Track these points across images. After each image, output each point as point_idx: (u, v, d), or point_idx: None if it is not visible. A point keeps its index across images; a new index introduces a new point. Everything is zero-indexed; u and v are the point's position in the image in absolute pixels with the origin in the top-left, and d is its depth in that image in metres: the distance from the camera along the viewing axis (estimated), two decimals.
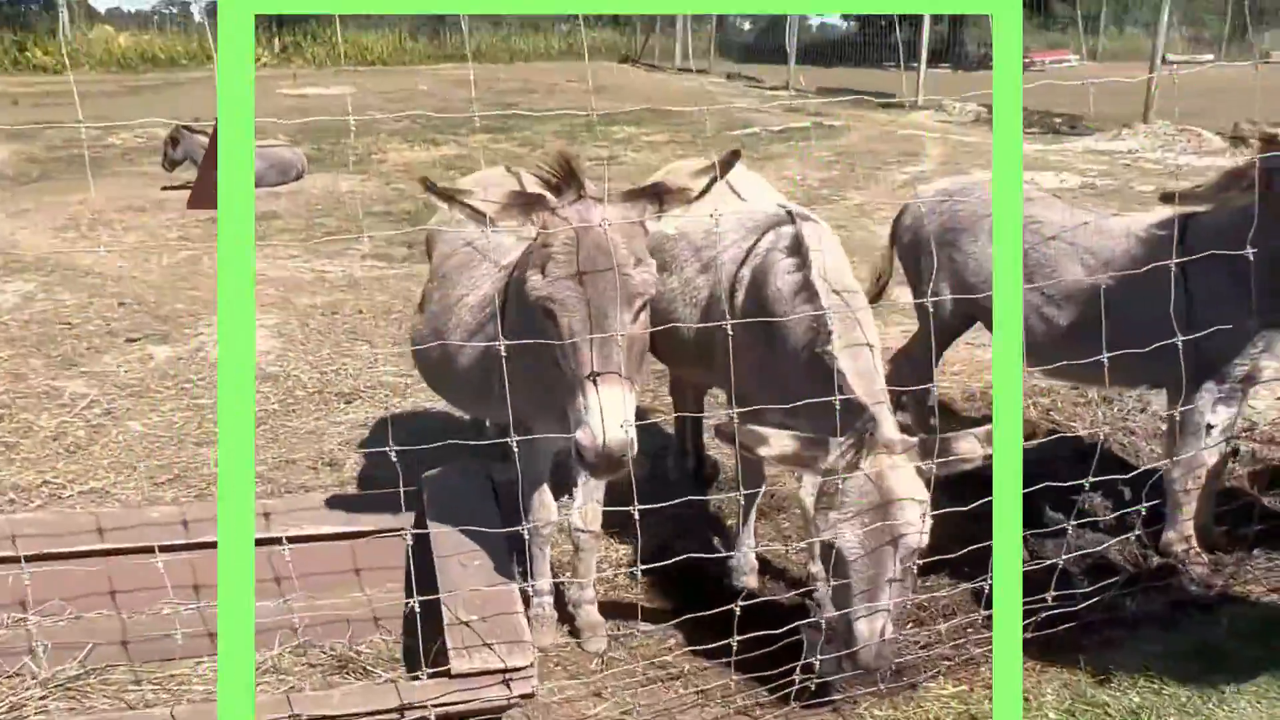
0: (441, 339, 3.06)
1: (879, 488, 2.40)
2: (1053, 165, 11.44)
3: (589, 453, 2.12)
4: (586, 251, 2.16)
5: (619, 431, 2.10)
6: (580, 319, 2.15)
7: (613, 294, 2.14)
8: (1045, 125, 14.78)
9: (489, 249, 2.99)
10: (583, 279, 2.14)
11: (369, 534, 3.02)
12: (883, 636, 2.42)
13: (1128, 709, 2.54)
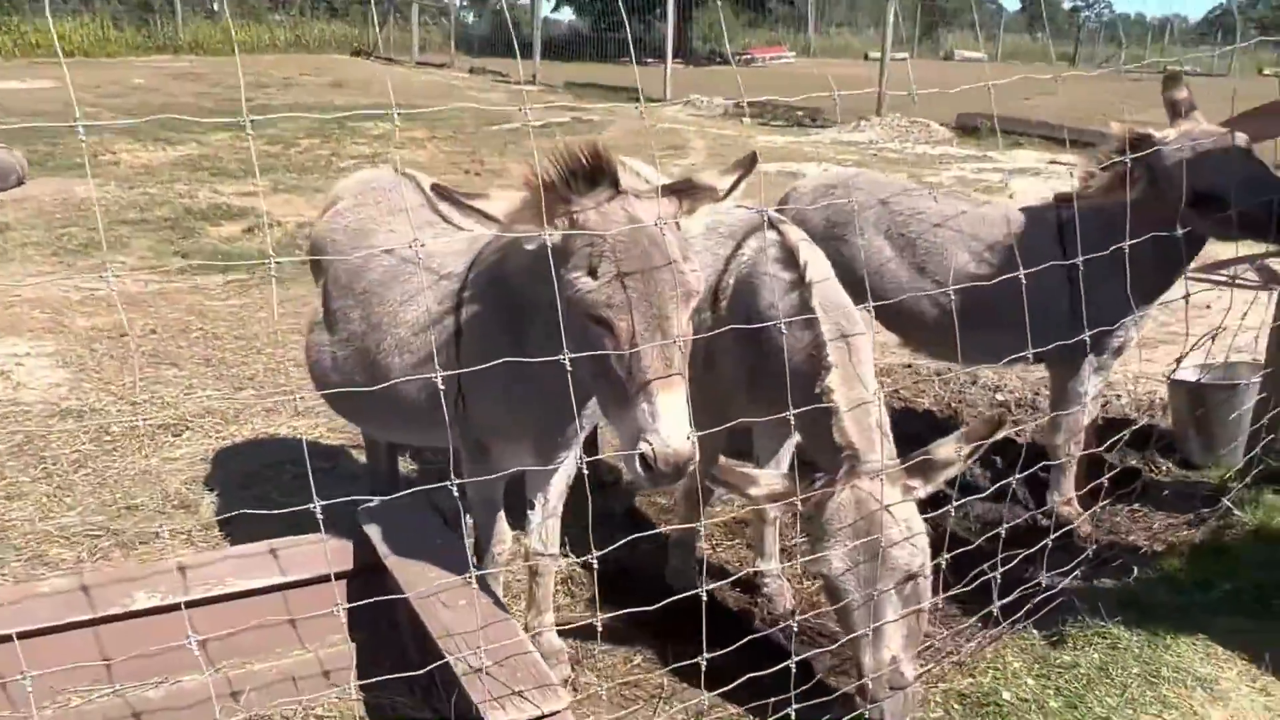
0: (370, 360, 2.78)
1: (862, 514, 2.36)
2: (810, 156, 12.13)
3: (661, 464, 1.94)
4: (642, 248, 1.99)
5: (686, 439, 1.96)
6: (643, 320, 1.97)
7: (671, 292, 1.99)
8: (790, 118, 15.66)
9: (425, 258, 2.73)
10: (639, 277, 1.98)
11: (307, 582, 2.69)
12: (894, 667, 2.37)
13: (1095, 665, 2.71)
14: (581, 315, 2.03)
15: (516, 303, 2.47)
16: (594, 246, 2.01)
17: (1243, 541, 3.31)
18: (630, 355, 1.96)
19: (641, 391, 1.96)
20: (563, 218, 2.05)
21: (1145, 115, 11.93)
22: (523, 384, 2.46)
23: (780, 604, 3.20)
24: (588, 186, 2.08)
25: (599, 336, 2.02)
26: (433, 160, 11.83)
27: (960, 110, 14.34)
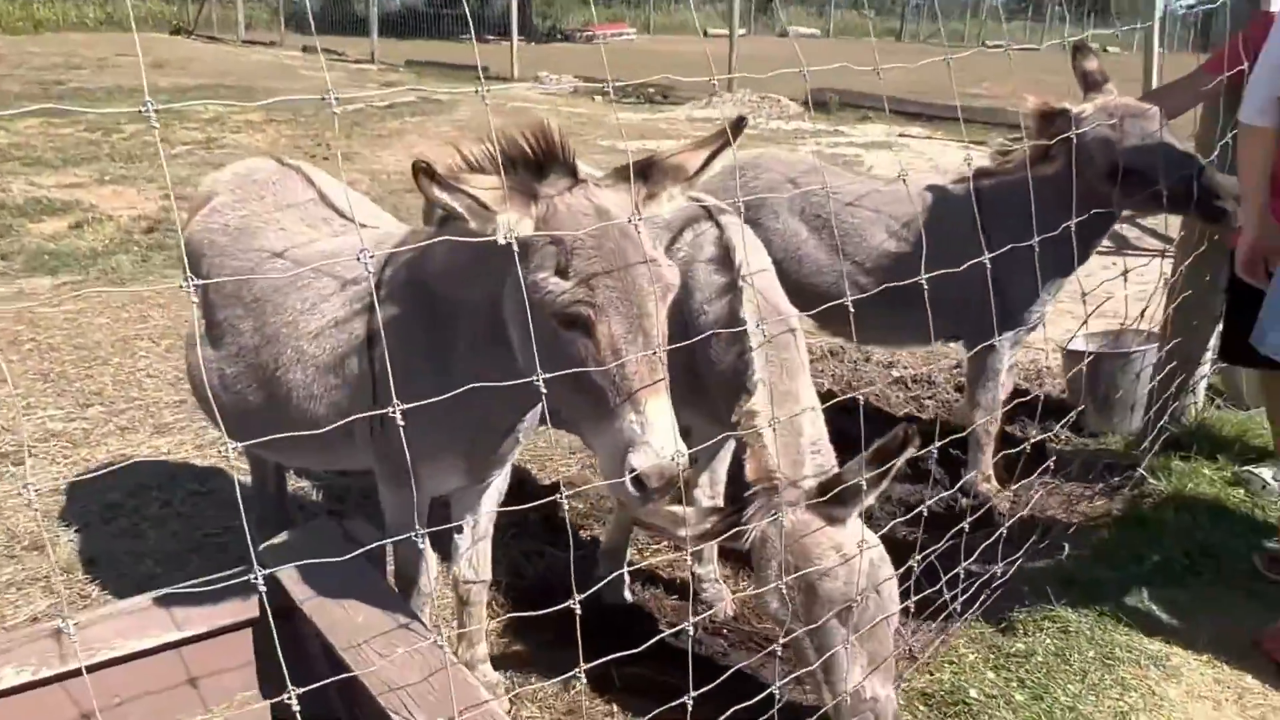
0: (268, 376, 2.45)
1: (790, 549, 2.18)
2: (667, 133, 12.02)
3: (651, 478, 1.70)
4: (615, 242, 1.76)
5: (680, 448, 1.74)
6: (623, 322, 1.74)
7: (650, 289, 1.76)
8: (641, 95, 15.54)
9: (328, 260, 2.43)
10: (616, 275, 1.74)
11: (209, 635, 2.35)
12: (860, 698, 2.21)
13: (1051, 652, 2.67)
14: (552, 319, 1.78)
15: (441, 307, 2.20)
16: (561, 242, 1.77)
17: (1162, 510, 3.37)
18: (610, 360, 1.72)
19: (628, 400, 1.73)
20: (540, 205, 1.79)
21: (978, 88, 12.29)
22: (450, 399, 2.20)
23: (720, 610, 3.05)
24: (536, 176, 1.84)
25: (573, 342, 1.77)
26: (274, 145, 11.13)
27: (814, 86, 14.55)
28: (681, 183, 1.92)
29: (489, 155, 1.89)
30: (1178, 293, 3.69)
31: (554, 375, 1.76)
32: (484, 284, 1.97)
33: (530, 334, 1.76)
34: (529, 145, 1.83)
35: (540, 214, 1.78)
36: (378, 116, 13.30)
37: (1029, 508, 3.55)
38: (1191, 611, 2.88)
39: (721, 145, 1.94)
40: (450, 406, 2.20)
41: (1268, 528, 3.31)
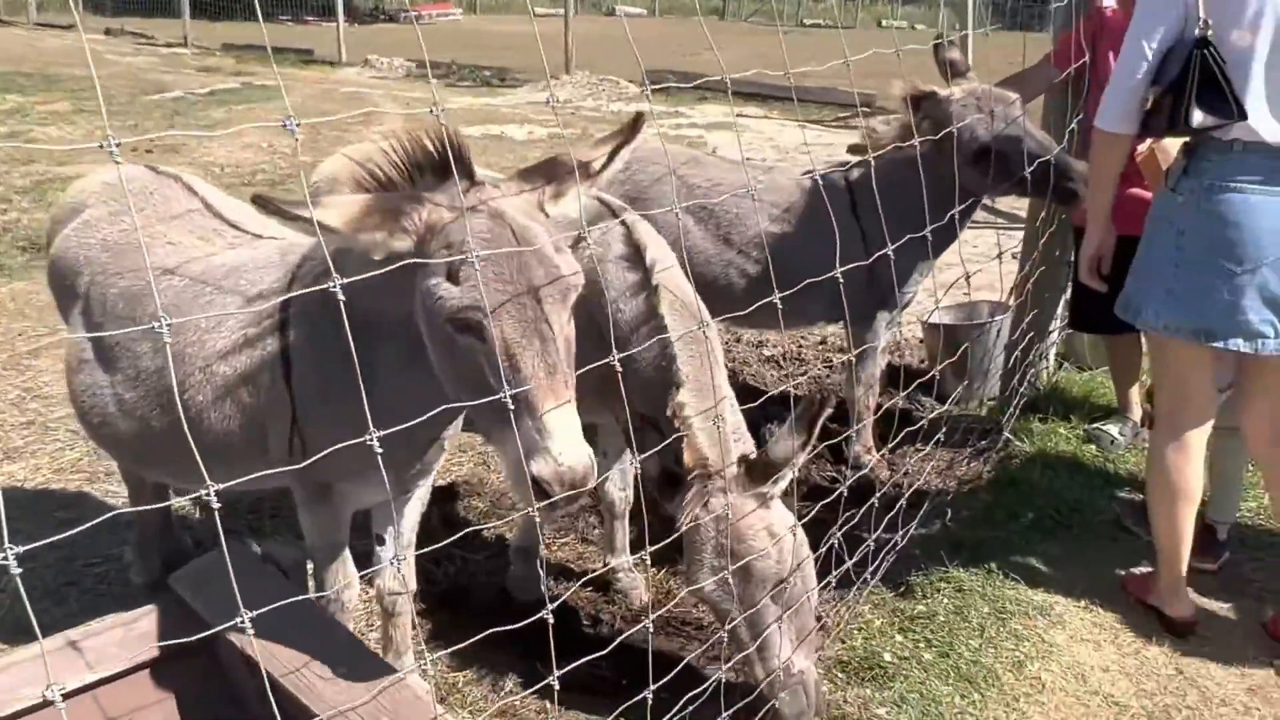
0: (165, 399, 2.34)
1: (722, 531, 2.27)
2: (509, 118, 11.92)
3: (556, 485, 1.69)
4: (508, 243, 1.73)
5: (584, 453, 1.75)
6: (517, 326, 1.72)
7: (548, 291, 1.76)
8: (477, 78, 15.31)
9: (229, 275, 2.33)
10: (509, 278, 1.72)
11: (123, 675, 2.24)
12: (789, 673, 2.32)
13: (951, 611, 2.87)
14: (445, 325, 1.76)
15: (359, 320, 2.15)
16: (452, 246, 1.74)
17: (1029, 470, 3.64)
18: (507, 365, 1.71)
19: (524, 405, 1.72)
20: (416, 216, 1.77)
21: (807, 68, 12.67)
22: (373, 412, 2.17)
23: (636, 598, 3.11)
24: (437, 180, 1.83)
25: (468, 347, 1.76)
26: (89, 138, 10.41)
27: (648, 67, 14.69)
28: (586, 180, 1.94)
29: (389, 161, 1.86)
30: (1033, 267, 3.98)
31: (448, 376, 1.80)
32: (398, 296, 1.94)
33: (433, 341, 1.78)
34: (430, 148, 1.79)
35: (423, 221, 1.75)
36: (200, 105, 12.65)
37: (910, 475, 3.78)
38: (1066, 562, 3.14)
39: (624, 141, 1.97)
40: (374, 420, 2.17)
41: (1119, 479, 3.63)
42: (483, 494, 3.70)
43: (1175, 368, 2.71)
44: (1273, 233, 2.43)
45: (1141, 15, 2.50)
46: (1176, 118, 2.42)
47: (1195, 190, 2.51)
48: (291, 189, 8.35)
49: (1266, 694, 2.63)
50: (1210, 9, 2.37)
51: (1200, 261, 2.52)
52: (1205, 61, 2.36)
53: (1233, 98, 2.37)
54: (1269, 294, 2.46)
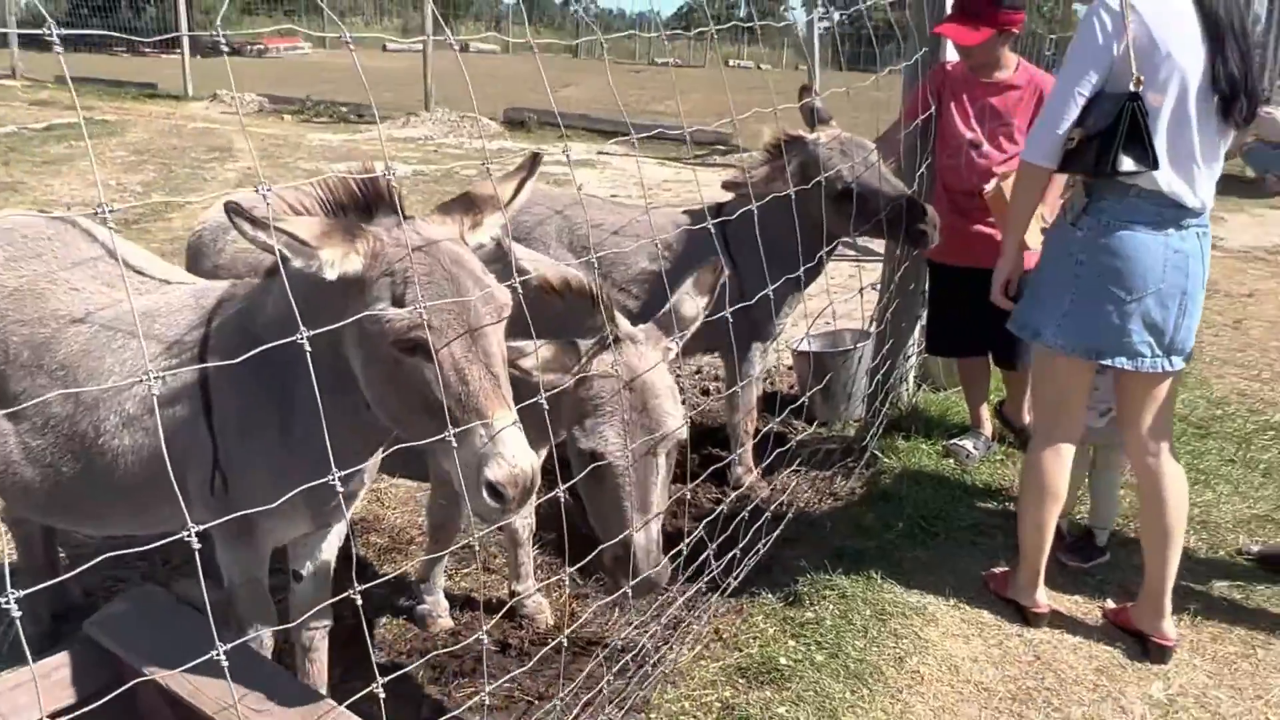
0: (88, 446, 2.34)
1: (635, 382, 2.32)
2: (371, 154, 11.84)
3: (512, 488, 1.82)
4: (446, 268, 1.88)
5: (533, 458, 1.87)
6: (462, 343, 1.85)
7: (485, 310, 1.89)
8: (334, 114, 15.13)
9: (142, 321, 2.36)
10: (451, 299, 1.85)
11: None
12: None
13: (836, 615, 3.11)
14: (391, 349, 1.87)
15: (279, 358, 2.23)
16: (395, 273, 1.87)
17: (896, 484, 3.95)
18: (454, 380, 1.85)
19: (476, 417, 1.84)
20: (366, 242, 1.89)
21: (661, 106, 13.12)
22: (296, 448, 2.25)
23: (542, 622, 3.23)
24: (368, 218, 1.96)
25: (416, 368, 1.87)
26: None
27: (505, 105, 14.85)
28: (497, 211, 2.10)
29: (317, 200, 1.98)
30: (890, 298, 4.32)
31: (390, 399, 1.92)
32: (321, 329, 2.03)
33: (373, 367, 1.89)
34: (355, 188, 1.94)
35: (369, 249, 1.87)
36: (37, 140, 12.09)
37: (787, 493, 4.03)
38: (934, 566, 3.44)
39: (526, 176, 2.14)
40: (295, 457, 2.25)
41: (976, 489, 3.98)
42: (381, 530, 3.75)
43: (1058, 383, 3.04)
44: (1156, 267, 2.77)
45: (1073, 63, 2.79)
46: (1103, 162, 2.70)
47: (1094, 227, 2.84)
48: (148, 228, 8.11)
49: (1111, 673, 2.96)
50: (1140, 66, 2.68)
51: (1094, 289, 2.84)
52: (1134, 114, 2.67)
53: (1151, 149, 2.68)
54: (1150, 320, 2.82)
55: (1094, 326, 2.87)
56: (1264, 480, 4.13)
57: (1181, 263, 2.79)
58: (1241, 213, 10.06)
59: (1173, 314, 2.81)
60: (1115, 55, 2.71)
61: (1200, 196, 2.77)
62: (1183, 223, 2.78)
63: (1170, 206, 2.76)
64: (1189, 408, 4.75)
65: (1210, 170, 2.78)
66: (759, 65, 31.17)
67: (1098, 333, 2.87)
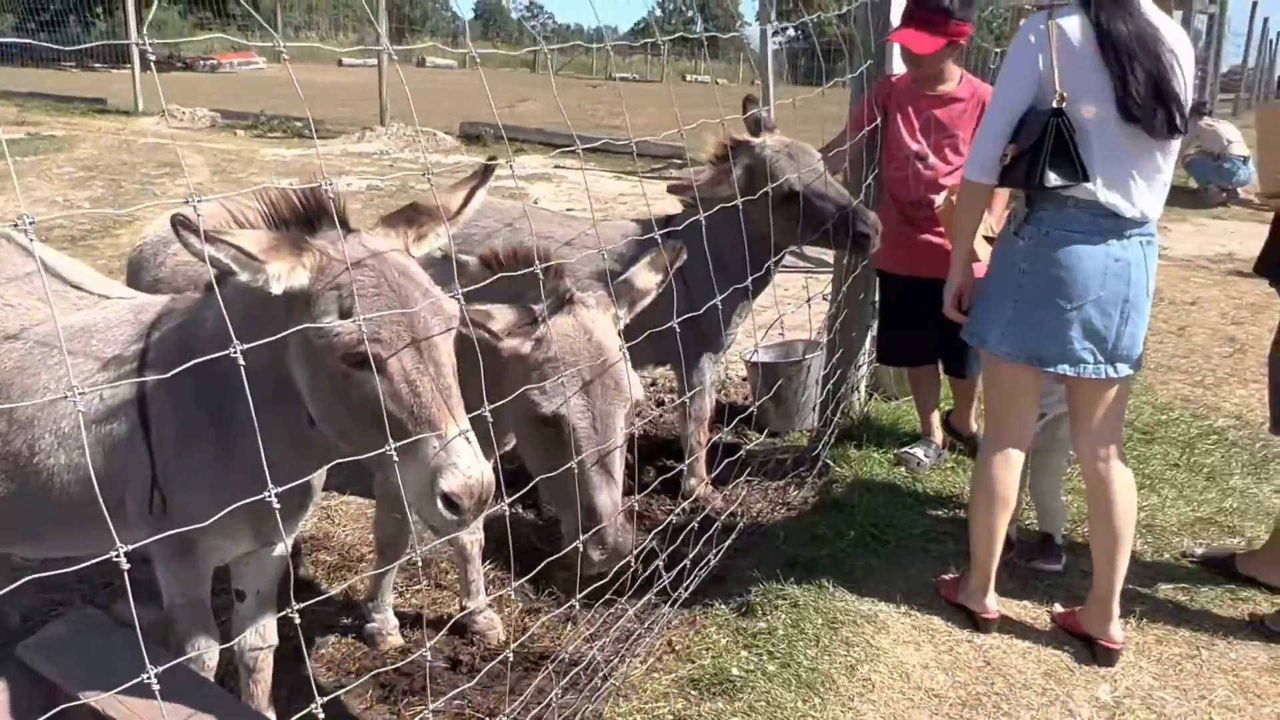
0: (23, 465, 2.29)
1: (591, 344, 2.30)
2: (326, 169, 11.75)
3: (468, 498, 1.80)
4: (394, 280, 1.86)
5: (487, 467, 1.85)
6: (413, 355, 1.83)
7: (434, 321, 1.88)
8: (289, 129, 15.00)
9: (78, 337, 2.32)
10: (399, 309, 1.83)
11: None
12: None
13: (789, 625, 3.11)
14: (340, 362, 1.84)
15: (219, 373, 2.20)
16: (342, 287, 1.85)
17: (849, 493, 3.97)
18: (407, 392, 1.83)
19: (428, 429, 1.82)
20: (312, 256, 1.87)
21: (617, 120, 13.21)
22: (237, 465, 2.22)
23: (494, 638, 3.20)
24: (312, 233, 1.93)
25: (365, 381, 1.84)
26: None
27: (462, 119, 14.81)
28: (444, 223, 2.08)
29: (259, 213, 1.96)
30: (840, 308, 4.35)
31: (339, 413, 1.88)
32: (264, 343, 2.00)
33: (320, 382, 1.86)
34: (297, 200, 1.91)
35: (315, 263, 1.85)
36: None
37: (739, 503, 4.04)
38: (886, 573, 3.46)
39: (477, 185, 2.12)
40: (236, 474, 2.21)
41: (927, 497, 4.01)
42: (330, 548, 3.70)
43: (1005, 389, 3.07)
44: (1096, 275, 2.82)
45: (1004, 83, 2.86)
46: (1032, 176, 2.76)
47: (1035, 236, 2.88)
48: (94, 244, 7.97)
49: (1060, 677, 2.99)
50: (1065, 84, 2.73)
51: (1037, 297, 2.88)
52: (1059, 129, 2.72)
53: (1079, 163, 2.74)
54: (1090, 327, 2.86)
55: (1037, 334, 2.91)
56: (1207, 484, 4.21)
57: (1122, 271, 2.83)
58: (1185, 222, 10.28)
59: (1114, 322, 2.86)
60: (1041, 73, 2.77)
61: (1139, 207, 2.81)
62: (1124, 232, 2.83)
63: (1108, 216, 2.81)
64: (1135, 413, 4.83)
65: (1149, 181, 2.82)
66: (715, 80, 31.42)
67: (1040, 340, 2.91)
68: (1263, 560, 3.46)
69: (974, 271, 3.19)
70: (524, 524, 3.87)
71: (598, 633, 3.12)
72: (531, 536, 3.78)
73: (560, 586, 3.32)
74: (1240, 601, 3.38)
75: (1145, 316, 2.93)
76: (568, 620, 3.27)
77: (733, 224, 3.50)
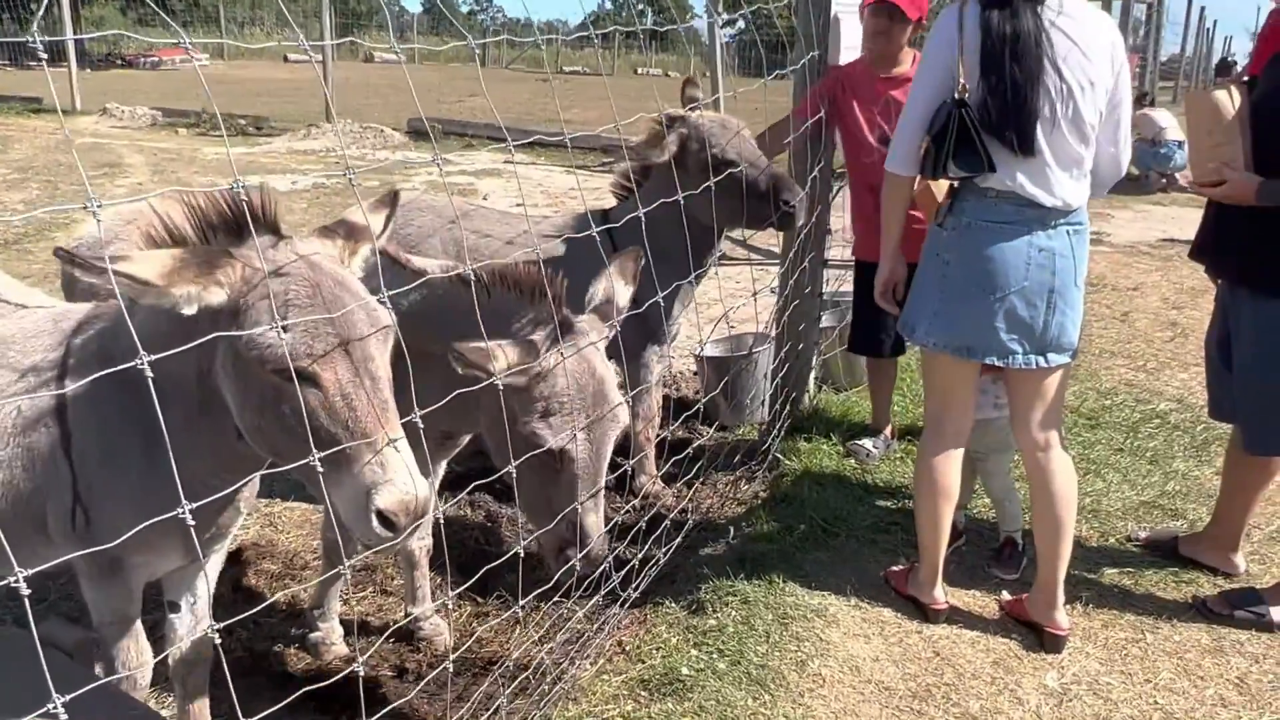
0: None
1: (595, 379, 2.33)
2: (271, 167, 11.56)
3: (404, 515, 1.74)
4: (329, 290, 1.79)
5: (424, 482, 1.80)
6: (349, 368, 1.77)
7: (367, 330, 1.82)
8: (232, 128, 14.73)
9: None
10: (335, 323, 1.77)
11: None
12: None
13: (739, 622, 3.08)
14: (271, 375, 1.78)
15: (144, 385, 2.12)
16: (274, 296, 1.78)
17: (798, 486, 3.96)
18: (344, 406, 1.76)
19: (363, 443, 1.76)
20: (230, 270, 1.80)
21: (569, 114, 13.12)
22: (161, 479, 2.14)
23: (441, 644, 3.15)
24: (234, 238, 1.86)
25: (295, 396, 1.76)
26: None
27: (410, 115, 14.64)
28: (367, 242, 2.03)
29: (184, 217, 1.89)
30: (788, 300, 4.34)
31: (281, 432, 1.80)
32: (189, 354, 1.93)
33: (250, 395, 1.80)
34: (225, 206, 1.84)
35: (236, 275, 1.78)
36: None
37: (690, 499, 4.02)
38: (835, 566, 3.45)
39: (390, 209, 2.13)
40: (159, 487, 2.13)
41: (876, 488, 4.02)
42: (274, 556, 3.62)
43: (940, 380, 3.07)
44: (1019, 265, 2.82)
45: (920, 75, 2.87)
46: (937, 166, 2.79)
47: (957, 227, 2.88)
48: (29, 248, 7.76)
49: (1008, 665, 3.00)
50: (969, 75, 2.73)
51: (961, 288, 2.89)
52: (961, 120, 2.72)
53: (984, 153, 2.74)
54: (1016, 317, 2.86)
55: (963, 324, 2.91)
56: (1150, 467, 4.26)
57: (1047, 261, 2.83)
58: (1126, 209, 10.45)
59: (1040, 312, 2.86)
60: (950, 65, 2.77)
61: (1060, 196, 2.80)
62: (1049, 221, 2.83)
63: (1031, 206, 2.81)
64: (1079, 399, 4.89)
65: (1070, 171, 2.81)
66: (666, 73, 31.41)
67: (967, 331, 2.91)
68: (1204, 542, 3.51)
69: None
70: (470, 526, 3.81)
71: (546, 635, 3.08)
72: (478, 538, 3.74)
73: (508, 589, 3.27)
74: (1183, 584, 3.42)
75: (1075, 306, 2.93)
76: (516, 624, 3.22)
77: (672, 211, 3.43)
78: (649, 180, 3.72)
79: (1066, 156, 2.79)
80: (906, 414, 4.72)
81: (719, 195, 3.67)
